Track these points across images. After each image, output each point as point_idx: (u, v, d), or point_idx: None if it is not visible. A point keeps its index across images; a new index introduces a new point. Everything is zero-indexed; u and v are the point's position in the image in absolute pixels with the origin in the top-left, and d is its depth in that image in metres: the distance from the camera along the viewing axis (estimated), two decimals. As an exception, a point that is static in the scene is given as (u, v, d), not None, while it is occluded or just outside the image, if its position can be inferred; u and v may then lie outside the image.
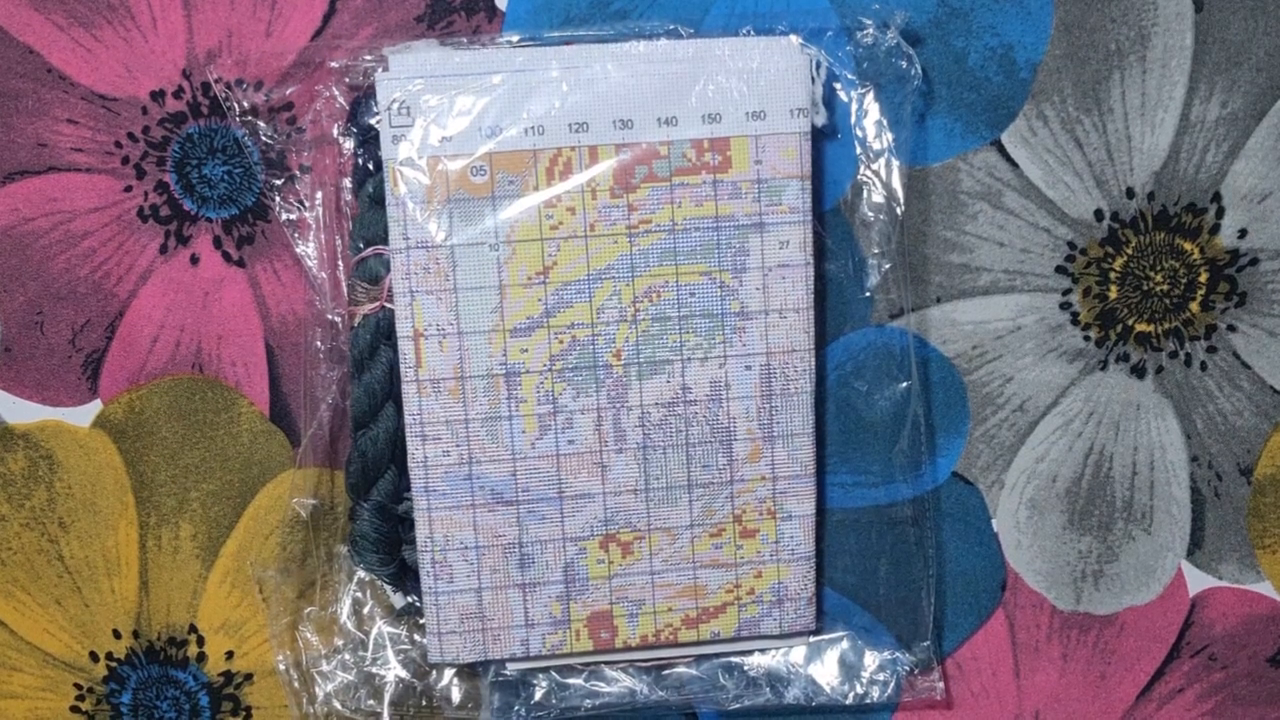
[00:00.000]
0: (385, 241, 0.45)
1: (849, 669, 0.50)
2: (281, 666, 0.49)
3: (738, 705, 0.50)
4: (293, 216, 0.47)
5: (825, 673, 0.50)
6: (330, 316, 0.47)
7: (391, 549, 0.48)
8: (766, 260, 0.46)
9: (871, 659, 0.50)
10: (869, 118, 0.47)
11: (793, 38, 0.45)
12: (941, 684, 0.51)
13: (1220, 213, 0.50)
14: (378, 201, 0.46)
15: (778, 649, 0.50)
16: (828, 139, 0.48)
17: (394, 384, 0.46)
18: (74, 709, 0.51)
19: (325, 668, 0.49)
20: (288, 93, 0.47)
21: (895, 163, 0.47)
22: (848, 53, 0.47)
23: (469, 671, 0.49)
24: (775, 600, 0.48)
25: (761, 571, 0.48)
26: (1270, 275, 0.50)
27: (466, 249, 0.45)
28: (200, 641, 0.51)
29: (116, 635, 0.51)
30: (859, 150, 0.48)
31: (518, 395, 0.46)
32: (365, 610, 0.49)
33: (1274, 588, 0.52)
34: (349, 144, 0.46)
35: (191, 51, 0.47)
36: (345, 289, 0.47)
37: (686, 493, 0.47)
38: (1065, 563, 0.52)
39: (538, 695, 0.49)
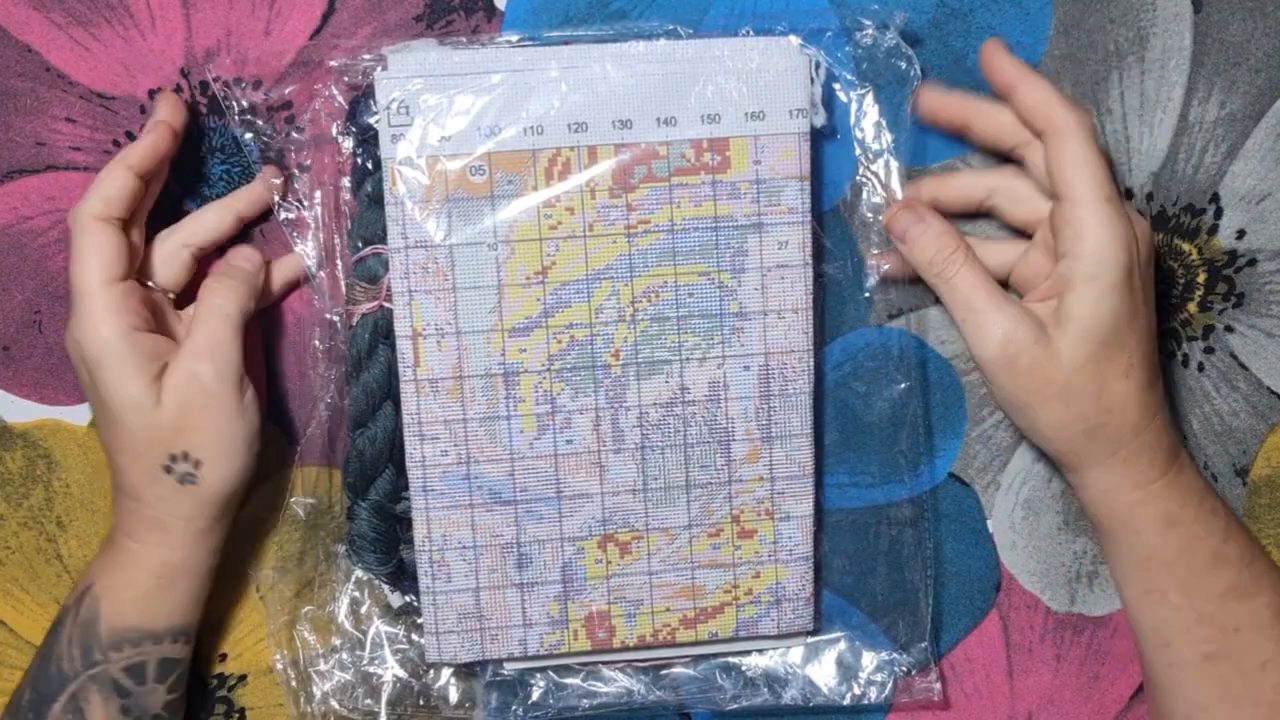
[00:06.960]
0: (384, 241, 0.45)
1: (846, 670, 0.50)
2: (279, 666, 0.49)
3: (735, 705, 0.50)
4: (291, 215, 0.47)
5: (822, 673, 0.50)
6: (329, 316, 0.47)
7: (389, 548, 0.48)
8: (765, 261, 0.46)
9: (869, 659, 0.50)
10: (868, 118, 0.47)
11: (792, 38, 0.45)
12: (939, 684, 0.51)
13: (1218, 213, 0.50)
14: (376, 201, 0.45)
15: (775, 649, 0.50)
16: (827, 139, 0.48)
17: (392, 383, 0.46)
18: (71, 707, 0.51)
19: (323, 667, 0.49)
20: (286, 92, 0.47)
21: (894, 163, 0.47)
22: (847, 53, 0.47)
23: (466, 671, 0.49)
24: (773, 601, 0.48)
25: (759, 572, 0.48)
26: (1268, 276, 0.50)
27: (465, 249, 0.45)
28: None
29: (114, 634, 0.51)
30: (858, 151, 0.48)
31: (516, 395, 0.46)
32: (363, 609, 0.49)
33: (1270, 588, 0.53)
34: (348, 143, 0.46)
35: (190, 50, 0.47)
36: (344, 288, 0.47)
37: (685, 493, 0.47)
38: (1060, 564, 0.52)
39: (535, 695, 0.49)
